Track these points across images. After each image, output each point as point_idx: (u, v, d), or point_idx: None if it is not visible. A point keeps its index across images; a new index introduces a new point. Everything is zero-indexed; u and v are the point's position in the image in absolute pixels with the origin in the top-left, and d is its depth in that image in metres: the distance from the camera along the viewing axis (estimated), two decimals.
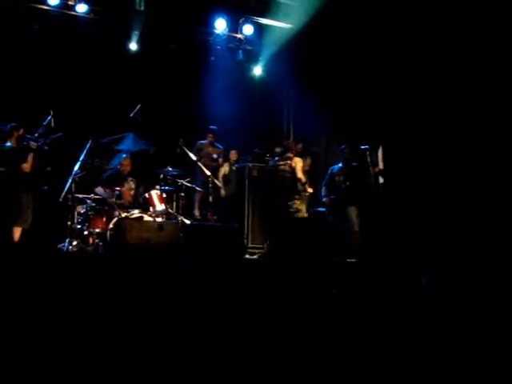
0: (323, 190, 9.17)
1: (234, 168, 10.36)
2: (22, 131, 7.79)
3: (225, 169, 10.57)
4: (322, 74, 10.45)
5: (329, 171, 9.23)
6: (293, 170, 9.36)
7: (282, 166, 9.45)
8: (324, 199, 9.12)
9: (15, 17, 9.26)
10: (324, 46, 10.20)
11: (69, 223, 7.85)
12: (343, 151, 9.07)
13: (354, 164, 8.97)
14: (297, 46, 10.66)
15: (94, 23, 9.73)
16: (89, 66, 9.68)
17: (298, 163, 9.46)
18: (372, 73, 9.38)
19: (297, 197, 9.39)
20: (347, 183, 8.87)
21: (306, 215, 9.33)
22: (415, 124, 8.77)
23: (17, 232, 7.55)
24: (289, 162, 9.46)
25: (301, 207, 9.37)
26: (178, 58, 10.44)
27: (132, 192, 8.72)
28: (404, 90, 8.88)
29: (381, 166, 9.08)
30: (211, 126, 10.16)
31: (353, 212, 8.65)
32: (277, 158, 9.72)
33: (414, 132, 8.81)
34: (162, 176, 8.79)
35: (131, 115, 8.97)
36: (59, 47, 9.58)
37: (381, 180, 9.08)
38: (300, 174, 9.37)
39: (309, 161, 10.72)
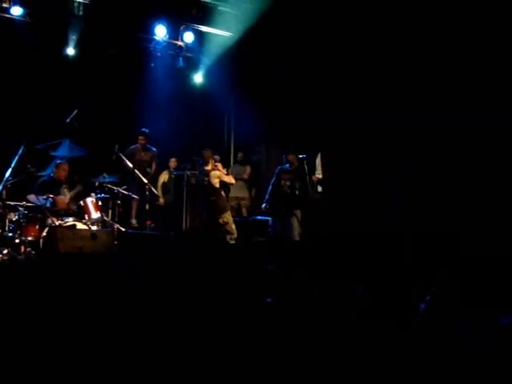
0: (268, 193, 9.04)
1: (172, 176, 10.39)
2: None
3: (164, 177, 10.59)
4: (262, 82, 10.58)
5: (276, 171, 9.08)
6: (210, 184, 8.87)
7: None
8: (264, 205, 8.98)
9: None
10: (264, 54, 10.31)
11: None
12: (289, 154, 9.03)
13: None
14: (237, 55, 10.79)
15: (30, 27, 9.56)
16: (24, 69, 9.49)
17: (213, 178, 8.91)
18: (311, 80, 9.46)
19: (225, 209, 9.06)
20: (294, 188, 8.82)
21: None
22: (355, 127, 8.78)
23: None
24: (206, 178, 8.95)
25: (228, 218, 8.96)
26: (118, 64, 10.38)
27: (67, 199, 8.61)
28: (343, 92, 8.88)
29: (319, 174, 9.16)
30: (142, 129, 10.12)
31: (296, 220, 8.67)
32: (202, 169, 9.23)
33: (354, 136, 8.82)
34: (97, 183, 8.74)
35: (67, 121, 8.90)
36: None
37: (319, 189, 9.20)
38: (218, 185, 8.91)
39: (248, 169, 10.87)
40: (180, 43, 10.93)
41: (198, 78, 11.56)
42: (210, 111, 11.70)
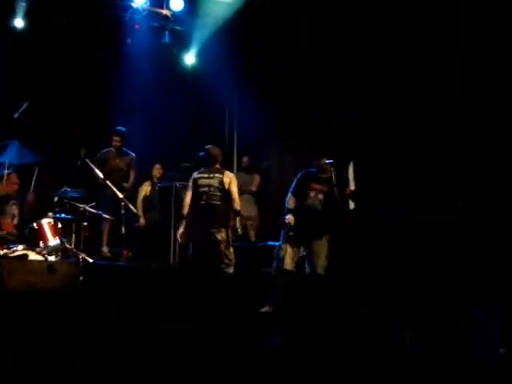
0: (288, 200, 8.81)
1: (156, 188, 10.27)
2: None
3: (145, 189, 10.47)
4: (274, 64, 10.48)
5: (299, 176, 8.71)
6: (224, 188, 8.72)
7: (204, 181, 8.94)
8: (288, 216, 8.71)
9: None
10: (277, 25, 10.23)
11: None
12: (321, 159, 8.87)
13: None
14: (241, 27, 10.72)
15: None
16: None
17: (233, 180, 8.82)
18: (340, 64, 9.45)
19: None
20: (327, 204, 8.60)
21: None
22: (399, 133, 8.87)
23: None
24: (219, 175, 8.78)
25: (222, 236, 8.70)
26: (81, 39, 10.30)
27: (15, 220, 8.52)
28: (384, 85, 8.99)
29: (352, 186, 9.05)
30: (116, 128, 10.04)
31: (324, 247, 8.42)
32: (202, 170, 9.16)
33: (398, 142, 8.90)
34: (56, 199, 8.68)
35: (15, 116, 8.83)
36: None
37: (351, 205, 9.07)
38: (236, 195, 8.80)
39: (257, 179, 10.74)
40: (165, 12, 10.89)
41: (190, 58, 11.51)
42: (205, 103, 11.60)
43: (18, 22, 10.10)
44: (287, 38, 10.22)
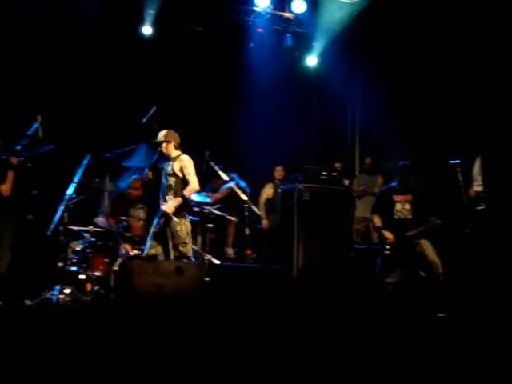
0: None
1: (279, 190, 10.30)
2: None
3: (268, 191, 10.54)
4: (400, 64, 10.36)
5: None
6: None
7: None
8: (385, 233, 8.75)
9: None
10: (404, 25, 10.12)
11: (60, 264, 7.85)
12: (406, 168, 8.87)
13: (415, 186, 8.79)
14: (365, 28, 10.65)
15: (97, 3, 9.83)
16: (89, 57, 9.81)
17: None
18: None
19: None
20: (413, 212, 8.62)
21: None
22: None
23: None
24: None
25: None
26: (206, 45, 10.52)
27: (142, 223, 8.75)
28: None
29: (478, 186, 8.88)
30: None
31: (429, 247, 8.42)
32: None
33: None
34: None
35: (144, 121, 8.98)
36: (49, 34, 9.74)
37: (480, 206, 8.90)
38: None
39: (380, 180, 10.64)
40: (288, 15, 10.96)
41: (312, 60, 11.51)
42: (327, 103, 11.60)
43: (147, 30, 10.40)
44: (411, 37, 10.10)
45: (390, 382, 4.68)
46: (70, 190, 7.90)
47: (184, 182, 7.79)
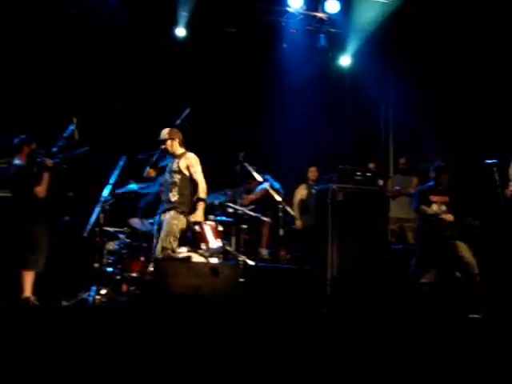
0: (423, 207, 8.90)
1: (313, 191, 10.28)
2: (34, 146, 7.82)
3: (301, 192, 10.52)
4: (434, 63, 10.29)
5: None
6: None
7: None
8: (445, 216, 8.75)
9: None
10: (437, 23, 10.05)
11: (96, 265, 7.94)
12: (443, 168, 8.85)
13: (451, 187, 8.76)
14: (399, 27, 10.59)
15: (129, 6, 9.91)
16: (122, 59, 9.88)
17: None
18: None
19: None
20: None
21: None
22: None
23: (28, 278, 7.46)
24: None
25: None
26: (239, 46, 10.54)
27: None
28: None
29: None
30: None
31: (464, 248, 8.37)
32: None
33: None
34: (217, 203, 8.82)
35: (177, 122, 9.00)
36: (84, 36, 9.80)
37: None
38: None
39: (415, 181, 10.56)
40: (321, 15, 10.93)
41: (345, 60, 11.48)
42: (360, 103, 11.56)
43: (180, 31, 10.46)
44: (445, 35, 10.03)
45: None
46: (106, 192, 7.97)
47: (189, 180, 7.82)
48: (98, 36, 9.88)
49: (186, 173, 7.83)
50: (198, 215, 7.72)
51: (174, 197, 7.77)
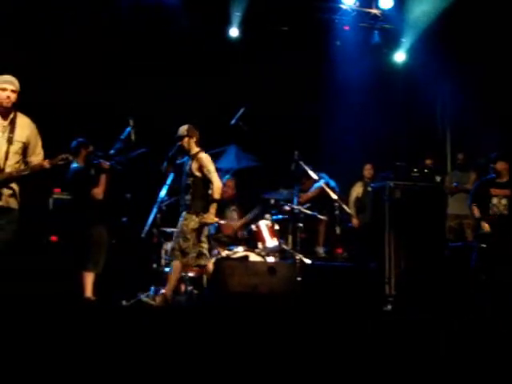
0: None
1: (369, 188, 10.22)
2: (91, 148, 7.91)
3: (357, 190, 10.47)
4: (491, 57, 10.14)
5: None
6: None
7: None
8: (483, 225, 8.62)
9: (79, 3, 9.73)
10: (495, 18, 9.91)
11: (154, 265, 8.01)
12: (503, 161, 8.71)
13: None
14: (455, 21, 10.45)
15: (185, 7, 9.96)
16: (177, 60, 9.95)
17: None
18: None
19: None
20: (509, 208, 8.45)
21: None
22: None
23: (88, 279, 7.55)
24: None
25: None
26: (292, 45, 10.51)
27: (236, 224, 8.88)
28: None
29: None
30: None
31: None
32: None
33: None
34: (273, 201, 8.83)
35: (232, 122, 9.04)
36: (140, 38, 9.89)
37: None
38: None
39: (473, 177, 10.41)
40: (375, 11, 10.85)
41: (400, 56, 11.39)
42: (416, 100, 11.44)
43: (233, 32, 10.51)
44: (503, 29, 9.87)
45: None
46: (163, 192, 8.03)
47: (203, 182, 7.67)
48: (151, 38, 9.95)
49: (198, 174, 7.67)
50: (210, 216, 7.56)
51: (188, 200, 7.66)
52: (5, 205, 6.08)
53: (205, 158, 7.73)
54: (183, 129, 7.84)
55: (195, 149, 7.81)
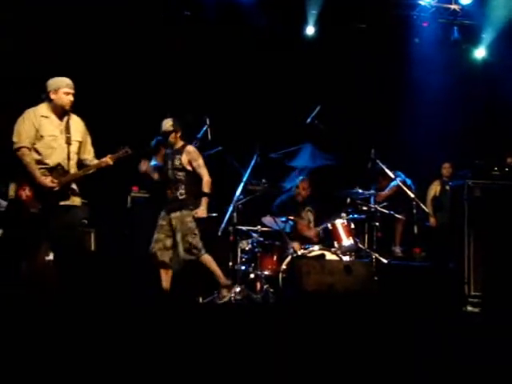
0: None
1: (447, 187, 10.07)
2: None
3: (435, 188, 10.34)
4: None
5: None
6: None
7: None
8: None
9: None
10: None
11: (230, 264, 8.07)
12: None
13: None
14: None
15: (261, 6, 9.99)
16: (253, 59, 9.99)
17: None
18: None
19: None
20: None
21: None
22: None
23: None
24: None
25: None
26: (369, 42, 10.45)
27: (310, 224, 8.86)
28: None
29: None
30: None
31: None
32: None
33: None
34: (349, 200, 8.80)
35: (308, 121, 9.01)
36: (216, 36, 9.94)
37: None
38: None
39: None
40: (454, 7, 10.67)
41: (481, 52, 11.19)
42: (496, 97, 11.19)
43: (310, 30, 10.49)
44: None
45: None
46: (239, 191, 8.07)
47: (194, 175, 7.65)
48: (227, 37, 10.01)
49: (189, 168, 7.66)
50: (202, 211, 7.58)
51: (181, 195, 7.65)
52: (71, 203, 6.37)
53: (194, 151, 7.77)
54: (168, 124, 7.78)
55: (180, 142, 7.79)
